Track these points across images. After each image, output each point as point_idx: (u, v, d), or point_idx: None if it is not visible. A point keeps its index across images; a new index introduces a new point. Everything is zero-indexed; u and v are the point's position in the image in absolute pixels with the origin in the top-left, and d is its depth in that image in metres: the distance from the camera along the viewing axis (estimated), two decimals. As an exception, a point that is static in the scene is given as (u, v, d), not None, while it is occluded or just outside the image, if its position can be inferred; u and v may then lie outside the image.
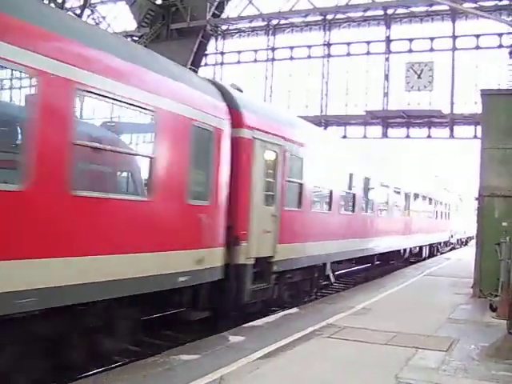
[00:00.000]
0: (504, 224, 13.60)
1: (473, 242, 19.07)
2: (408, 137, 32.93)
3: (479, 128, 28.44)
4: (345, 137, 32.88)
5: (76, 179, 6.55)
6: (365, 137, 33.74)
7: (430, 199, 30.23)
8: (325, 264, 15.04)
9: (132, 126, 8.47)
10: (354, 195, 17.09)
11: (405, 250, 24.63)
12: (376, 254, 20.13)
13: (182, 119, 8.63)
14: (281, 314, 11.61)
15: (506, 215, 13.89)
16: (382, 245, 20.03)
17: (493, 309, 12.24)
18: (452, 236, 39.10)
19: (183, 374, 6.81)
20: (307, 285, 14.32)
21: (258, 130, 10.97)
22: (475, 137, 29.88)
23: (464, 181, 46.80)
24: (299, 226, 13.07)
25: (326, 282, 15.87)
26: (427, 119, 31.47)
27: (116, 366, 7.77)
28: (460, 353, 8.43)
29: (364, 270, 21.99)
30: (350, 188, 16.86)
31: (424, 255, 29.17)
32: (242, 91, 12.40)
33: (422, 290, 16.32)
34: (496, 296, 12.63)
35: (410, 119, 31.92)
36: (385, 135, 33.11)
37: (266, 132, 11.32)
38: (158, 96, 8.02)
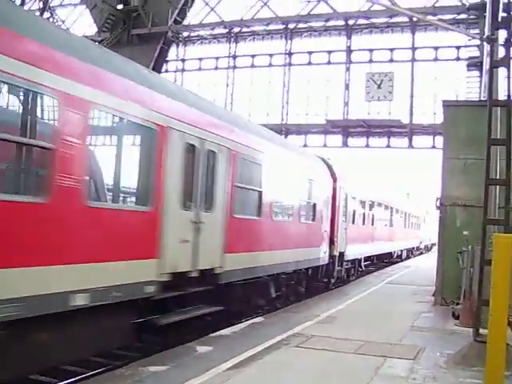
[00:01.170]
0: (465, 233, 13.82)
1: (435, 249, 19.38)
2: (368, 146, 33.23)
3: (438, 138, 29.17)
4: (305, 145, 32.94)
5: None
6: (325, 146, 33.91)
7: (406, 213, 37.92)
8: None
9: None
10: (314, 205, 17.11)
11: (391, 252, 33.79)
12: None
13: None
14: (247, 323, 11.54)
15: (467, 224, 14.12)
16: (370, 250, 25.85)
17: (455, 316, 12.43)
18: (421, 243, 48.26)
19: (153, 386, 6.67)
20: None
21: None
22: (433, 147, 30.43)
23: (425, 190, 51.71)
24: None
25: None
26: (387, 129, 31.83)
27: (80, 379, 7.56)
28: (427, 361, 8.50)
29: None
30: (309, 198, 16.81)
31: (403, 257, 37.32)
32: None
33: (384, 298, 16.47)
34: (458, 304, 12.83)
35: (369, 129, 32.24)
36: (345, 144, 33.35)
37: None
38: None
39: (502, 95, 10.67)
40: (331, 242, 18.59)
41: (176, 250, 9.22)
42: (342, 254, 19.94)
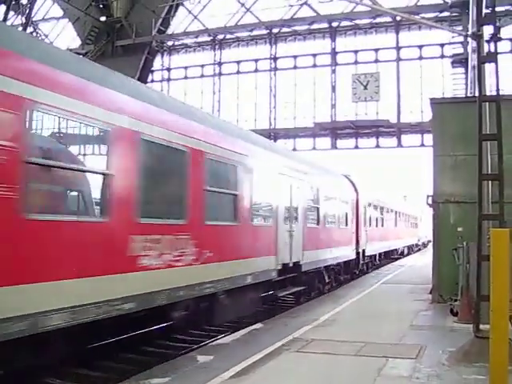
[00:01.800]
0: (459, 229, 13.82)
1: (431, 245, 19.50)
2: (357, 147, 33.37)
3: (426, 136, 29.31)
4: (294, 149, 33.02)
5: None
6: (314, 148, 34.02)
7: (406, 215, 43.14)
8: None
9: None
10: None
11: (397, 249, 38.27)
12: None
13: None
14: (246, 330, 11.45)
15: (460, 221, 14.11)
16: (382, 247, 31.16)
17: (454, 313, 12.40)
18: (419, 240, 53.53)
19: (156, 399, 6.60)
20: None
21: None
22: (422, 145, 30.60)
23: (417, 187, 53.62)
24: None
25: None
26: (375, 129, 32.00)
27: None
28: (429, 359, 8.46)
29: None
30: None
31: (406, 252, 42.12)
32: None
33: (381, 298, 16.44)
34: (456, 300, 12.81)
35: (358, 130, 32.38)
36: (334, 146, 33.47)
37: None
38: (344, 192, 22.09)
39: (487, 90, 10.69)
40: (356, 242, 23.76)
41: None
42: (363, 251, 25.00)
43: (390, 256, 34.72)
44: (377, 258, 29.59)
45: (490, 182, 9.87)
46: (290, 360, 8.59)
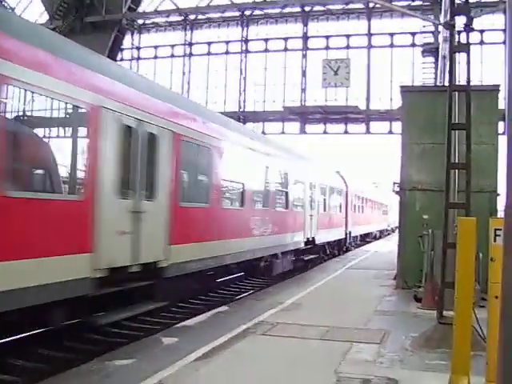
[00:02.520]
0: (425, 217, 13.99)
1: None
2: (326, 132, 33.48)
3: (394, 124, 29.55)
4: (263, 133, 32.93)
5: None
6: (283, 133, 34.03)
7: (380, 203, 49.29)
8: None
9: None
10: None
11: (372, 232, 44.92)
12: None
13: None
14: (211, 312, 11.46)
15: (426, 208, 14.29)
16: (363, 230, 38.15)
17: (417, 299, 12.60)
18: (389, 225, 58.03)
19: (121, 381, 6.56)
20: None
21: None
22: (390, 132, 30.86)
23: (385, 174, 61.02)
24: None
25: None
26: (344, 115, 32.07)
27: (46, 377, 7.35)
28: (393, 344, 8.58)
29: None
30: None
31: (378, 236, 48.22)
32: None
33: (346, 283, 16.62)
34: (420, 287, 13.01)
35: (327, 115, 32.43)
36: (303, 131, 33.51)
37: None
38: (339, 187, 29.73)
39: (456, 81, 10.79)
40: (345, 225, 30.42)
41: None
42: (350, 233, 31.65)
43: (365, 239, 40.56)
44: (358, 238, 36.39)
45: (456, 171, 9.99)
46: (256, 343, 8.62)
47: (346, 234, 30.42)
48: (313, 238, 21.65)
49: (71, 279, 7.64)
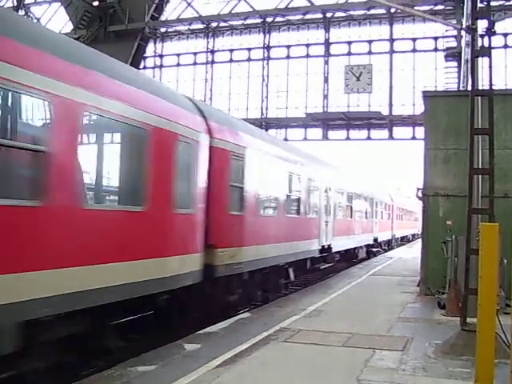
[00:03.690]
0: (448, 222, 13.84)
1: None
2: (348, 138, 33.40)
3: (417, 129, 29.37)
4: (286, 139, 32.98)
5: None
6: (305, 139, 34.03)
7: (406, 209, 51.98)
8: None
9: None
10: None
11: (406, 236, 52.92)
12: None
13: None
14: (234, 318, 11.46)
15: (449, 214, 14.15)
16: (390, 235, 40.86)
17: (441, 306, 12.48)
18: (419, 230, 68.71)
19: (142, 387, 6.59)
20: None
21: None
22: (414, 138, 30.68)
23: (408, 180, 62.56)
24: None
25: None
26: (367, 121, 31.97)
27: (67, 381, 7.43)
28: (416, 351, 8.50)
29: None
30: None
31: (411, 239, 56.04)
32: None
33: (369, 289, 16.50)
34: (443, 293, 12.88)
35: (349, 121, 32.37)
36: (325, 137, 33.46)
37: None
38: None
39: (479, 85, 10.70)
40: (391, 230, 37.86)
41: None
42: (394, 235, 39.36)
43: (403, 240, 49.86)
44: (399, 239, 45.87)
45: (480, 176, 9.89)
46: (277, 350, 8.60)
47: (391, 236, 40.12)
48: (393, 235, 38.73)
49: None
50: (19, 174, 6.68)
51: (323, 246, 19.22)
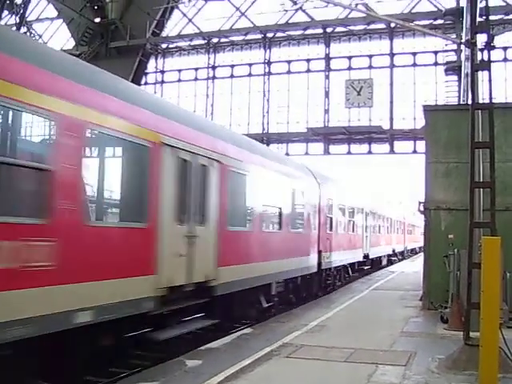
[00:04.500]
0: (450, 236, 13.84)
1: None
2: (349, 153, 33.37)
3: (418, 143, 29.38)
4: (287, 154, 32.97)
5: None
6: (307, 153, 34.01)
7: (414, 225, 55.88)
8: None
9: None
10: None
11: (415, 248, 55.93)
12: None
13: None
14: (236, 334, 11.42)
15: (451, 227, 14.15)
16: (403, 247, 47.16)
17: (444, 320, 12.42)
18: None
19: (144, 403, 6.54)
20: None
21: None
22: (415, 151, 30.66)
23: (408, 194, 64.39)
24: None
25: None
26: (368, 135, 31.97)
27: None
28: (419, 366, 8.45)
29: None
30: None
31: (418, 251, 56.04)
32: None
33: (371, 304, 16.44)
34: (446, 308, 12.83)
35: (351, 135, 32.37)
36: (327, 152, 33.45)
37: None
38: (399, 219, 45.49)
39: (479, 98, 10.72)
40: (404, 242, 45.33)
41: None
42: (406, 247, 46.42)
43: (412, 251, 54.12)
44: (410, 251, 51.17)
45: (481, 189, 9.88)
46: (280, 366, 8.55)
47: (404, 248, 46.77)
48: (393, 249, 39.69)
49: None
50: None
51: (365, 254, 27.62)
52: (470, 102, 9.98)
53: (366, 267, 28.27)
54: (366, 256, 27.70)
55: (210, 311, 11.14)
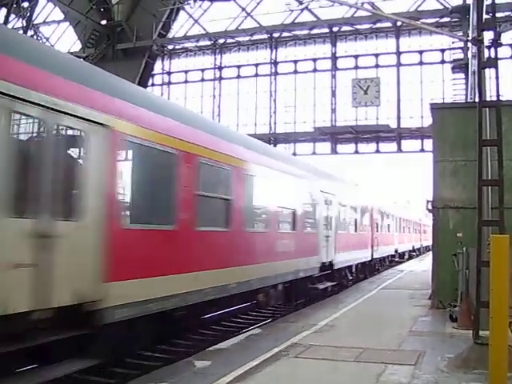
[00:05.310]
0: (459, 235, 13.76)
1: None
2: (357, 152, 33.37)
3: (426, 141, 29.30)
4: (295, 154, 33.00)
5: None
6: (314, 153, 34.02)
7: (428, 226, 55.86)
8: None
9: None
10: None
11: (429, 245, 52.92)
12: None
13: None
14: (244, 335, 11.41)
15: (460, 226, 14.07)
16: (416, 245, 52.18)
17: (453, 319, 12.36)
18: None
19: (153, 404, 6.55)
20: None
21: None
22: (422, 150, 30.60)
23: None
24: None
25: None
26: (375, 134, 31.96)
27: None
28: (428, 366, 8.41)
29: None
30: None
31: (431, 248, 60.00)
32: None
33: (380, 303, 16.38)
34: (455, 306, 12.76)
35: (358, 135, 32.36)
36: (334, 151, 33.46)
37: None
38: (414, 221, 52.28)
39: (487, 96, 10.67)
40: (420, 241, 52.41)
41: None
42: (422, 244, 53.54)
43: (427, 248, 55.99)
44: (426, 248, 53.88)
45: (489, 187, 9.83)
46: (289, 366, 8.53)
47: (420, 246, 53.40)
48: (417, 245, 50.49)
49: None
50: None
51: (396, 250, 35.90)
52: (477, 99, 9.94)
53: (395, 259, 37.01)
54: (395, 250, 36.54)
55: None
